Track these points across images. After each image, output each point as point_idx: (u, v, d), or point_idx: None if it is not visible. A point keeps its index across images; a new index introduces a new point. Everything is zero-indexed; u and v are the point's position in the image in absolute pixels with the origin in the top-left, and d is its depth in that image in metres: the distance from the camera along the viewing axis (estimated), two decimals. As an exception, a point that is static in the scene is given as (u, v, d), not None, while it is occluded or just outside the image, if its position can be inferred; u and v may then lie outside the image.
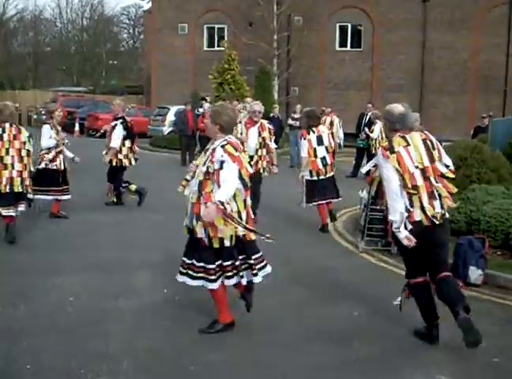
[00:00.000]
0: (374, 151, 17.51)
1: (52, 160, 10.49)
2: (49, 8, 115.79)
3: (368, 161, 18.17)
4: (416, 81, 32.19)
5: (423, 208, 5.68)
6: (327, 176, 10.67)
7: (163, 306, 6.72)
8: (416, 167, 5.70)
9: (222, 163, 5.66)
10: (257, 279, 6.00)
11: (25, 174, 9.14)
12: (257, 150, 10.62)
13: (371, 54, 33.19)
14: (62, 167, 10.64)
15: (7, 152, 8.97)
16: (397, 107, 5.95)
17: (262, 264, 6.08)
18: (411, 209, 5.68)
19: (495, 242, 8.81)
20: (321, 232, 10.67)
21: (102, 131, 12.87)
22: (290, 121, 21.87)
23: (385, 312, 6.84)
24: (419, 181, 5.69)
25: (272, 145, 10.92)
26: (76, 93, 46.65)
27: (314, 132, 10.69)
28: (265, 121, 10.97)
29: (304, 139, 10.63)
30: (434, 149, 5.87)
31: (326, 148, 10.70)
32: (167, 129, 28.25)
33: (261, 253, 6.07)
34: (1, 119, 9.04)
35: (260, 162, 10.71)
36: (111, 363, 5.23)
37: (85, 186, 12.98)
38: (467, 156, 10.54)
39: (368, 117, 18.90)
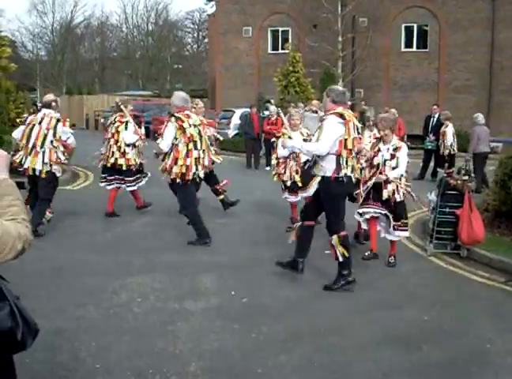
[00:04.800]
0: (444, 153, 17.10)
1: None
2: (115, 14, 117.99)
3: (436, 163, 17.87)
4: (484, 82, 31.44)
5: None
6: None
7: (230, 308, 6.72)
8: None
9: None
10: None
11: None
12: None
13: (438, 55, 32.62)
14: None
15: None
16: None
17: None
18: None
19: None
20: None
21: None
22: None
23: (455, 317, 6.72)
24: None
25: None
26: (142, 97, 47.30)
27: None
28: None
29: None
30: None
31: None
32: (232, 132, 28.33)
33: None
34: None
35: None
36: (179, 364, 5.25)
37: (151, 189, 13.09)
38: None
39: (436, 119, 18.56)
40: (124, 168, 11.10)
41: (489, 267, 8.72)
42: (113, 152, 11.01)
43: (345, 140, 7.20)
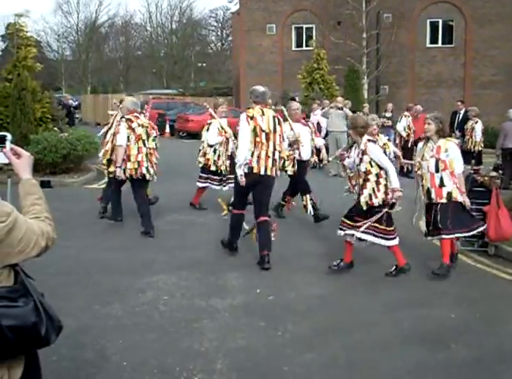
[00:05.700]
0: (472, 149, 16.88)
1: None
2: (139, 13, 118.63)
3: (464, 159, 17.62)
4: (510, 77, 31.13)
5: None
6: None
7: (256, 306, 6.71)
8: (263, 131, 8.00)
9: None
10: None
11: None
12: None
13: (464, 51, 32.37)
14: None
15: None
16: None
17: None
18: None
19: None
20: None
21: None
22: (382, 120, 21.47)
23: (483, 315, 6.63)
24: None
25: None
26: (166, 96, 47.47)
27: None
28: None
29: None
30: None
31: None
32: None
33: None
34: None
35: None
36: (205, 362, 5.25)
37: (178, 187, 13.15)
38: None
39: (461, 115, 18.37)
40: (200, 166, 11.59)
41: (517, 264, 8.62)
42: (199, 151, 11.60)
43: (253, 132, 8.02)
